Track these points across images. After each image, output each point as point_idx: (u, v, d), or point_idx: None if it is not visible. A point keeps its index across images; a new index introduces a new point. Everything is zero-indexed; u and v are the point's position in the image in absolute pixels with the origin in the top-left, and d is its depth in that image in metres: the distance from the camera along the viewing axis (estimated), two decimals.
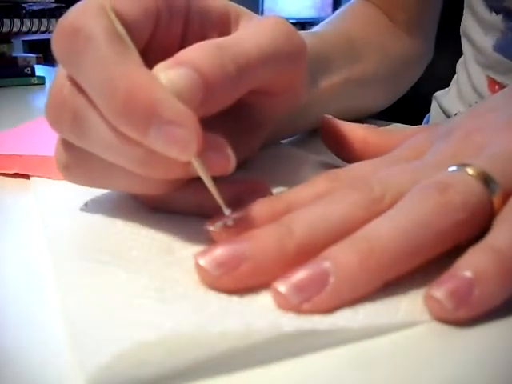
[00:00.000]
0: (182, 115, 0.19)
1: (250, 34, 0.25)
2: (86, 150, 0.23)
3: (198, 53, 0.22)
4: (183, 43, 0.26)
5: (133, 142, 0.21)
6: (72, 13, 0.22)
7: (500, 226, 0.20)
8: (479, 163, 0.21)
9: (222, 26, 0.27)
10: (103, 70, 0.20)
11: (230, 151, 0.21)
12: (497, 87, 0.52)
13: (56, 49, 0.22)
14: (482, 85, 0.54)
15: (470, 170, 0.21)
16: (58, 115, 0.23)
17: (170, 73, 0.21)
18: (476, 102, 0.55)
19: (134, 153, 0.21)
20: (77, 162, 0.24)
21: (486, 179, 0.20)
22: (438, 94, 0.63)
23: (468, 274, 0.18)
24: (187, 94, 0.20)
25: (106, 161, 0.22)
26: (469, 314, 0.18)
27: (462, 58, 0.59)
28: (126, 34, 0.22)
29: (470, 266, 0.18)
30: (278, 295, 0.18)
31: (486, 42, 0.52)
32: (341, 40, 0.44)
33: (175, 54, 0.22)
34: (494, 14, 0.50)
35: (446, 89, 0.62)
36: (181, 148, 0.19)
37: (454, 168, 0.21)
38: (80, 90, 0.22)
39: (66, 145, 0.24)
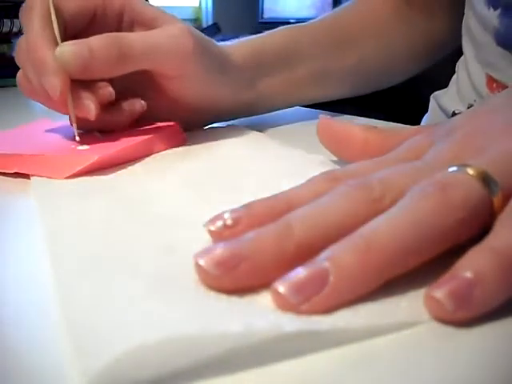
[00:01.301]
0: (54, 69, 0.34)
1: (146, 33, 0.38)
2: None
3: (99, 38, 0.36)
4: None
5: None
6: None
7: (500, 227, 0.20)
8: (479, 164, 0.21)
9: (150, 27, 0.40)
10: (29, 32, 0.36)
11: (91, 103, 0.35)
12: (495, 85, 0.52)
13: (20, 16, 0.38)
14: (481, 83, 0.53)
15: (470, 170, 0.21)
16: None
17: (64, 47, 0.35)
18: (475, 101, 0.54)
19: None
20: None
21: (486, 179, 0.20)
22: (436, 93, 0.63)
23: (468, 274, 0.18)
24: (72, 63, 0.35)
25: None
26: (468, 315, 0.18)
27: (462, 57, 0.59)
28: (55, 18, 0.36)
29: (471, 266, 0.18)
30: (277, 296, 0.18)
31: (486, 37, 0.52)
32: (321, 31, 0.52)
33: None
34: (491, 9, 0.50)
35: (445, 88, 0.62)
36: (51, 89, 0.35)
37: (454, 168, 0.21)
38: None
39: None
